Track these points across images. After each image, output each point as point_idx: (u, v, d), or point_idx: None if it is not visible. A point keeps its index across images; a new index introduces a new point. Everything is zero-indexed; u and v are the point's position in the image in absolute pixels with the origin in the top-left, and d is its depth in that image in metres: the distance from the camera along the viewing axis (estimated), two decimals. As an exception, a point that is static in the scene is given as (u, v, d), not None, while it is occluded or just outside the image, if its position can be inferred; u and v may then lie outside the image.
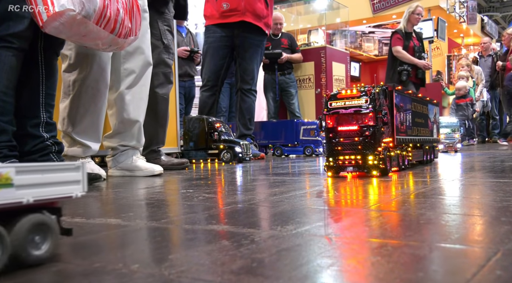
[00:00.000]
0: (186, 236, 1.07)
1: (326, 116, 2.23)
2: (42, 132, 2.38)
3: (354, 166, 2.19)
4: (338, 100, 2.22)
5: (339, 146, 2.20)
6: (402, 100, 2.59)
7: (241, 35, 5.06)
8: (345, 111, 2.19)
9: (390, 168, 2.28)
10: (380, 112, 2.18)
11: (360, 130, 2.16)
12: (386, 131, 2.30)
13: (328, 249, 0.87)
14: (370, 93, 2.16)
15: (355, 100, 2.18)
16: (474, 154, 4.94)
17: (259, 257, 0.84)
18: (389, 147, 2.30)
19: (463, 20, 13.80)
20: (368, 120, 2.16)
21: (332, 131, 2.23)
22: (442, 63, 13.60)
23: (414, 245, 0.88)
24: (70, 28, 2.04)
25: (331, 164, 2.23)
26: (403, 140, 2.58)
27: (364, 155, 2.16)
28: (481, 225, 1.08)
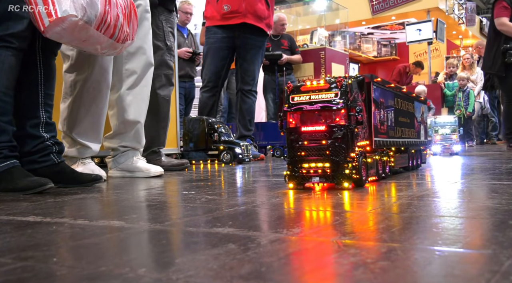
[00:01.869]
0: (191, 239, 1.06)
1: (287, 114, 1.83)
2: (42, 132, 2.37)
3: (321, 176, 1.77)
4: (302, 94, 1.80)
5: (302, 151, 1.79)
6: (383, 95, 2.18)
7: (242, 36, 5.05)
8: (310, 108, 1.78)
9: (366, 178, 1.90)
10: (353, 109, 1.77)
11: (328, 131, 1.76)
12: (362, 132, 1.91)
13: (339, 253, 0.86)
14: (341, 85, 1.75)
15: (323, 93, 1.77)
16: (471, 156, 4.72)
17: (268, 261, 0.82)
18: (365, 152, 1.90)
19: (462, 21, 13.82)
20: (338, 118, 1.76)
21: (294, 133, 1.81)
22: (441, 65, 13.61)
23: (423, 250, 0.87)
24: (71, 33, 2.04)
25: (293, 173, 1.81)
26: (383, 143, 2.17)
27: (333, 162, 1.75)
28: (489, 228, 1.07)
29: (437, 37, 11.42)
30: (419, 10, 12.10)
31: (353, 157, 1.79)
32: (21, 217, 1.42)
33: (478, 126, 9.53)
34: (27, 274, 0.79)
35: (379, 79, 2.12)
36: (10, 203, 1.77)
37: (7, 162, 2.14)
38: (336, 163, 1.76)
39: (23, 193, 2.04)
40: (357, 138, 1.85)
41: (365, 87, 2.00)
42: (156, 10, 3.44)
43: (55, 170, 2.35)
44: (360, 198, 1.58)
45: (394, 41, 15.35)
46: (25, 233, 1.16)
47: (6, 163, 2.13)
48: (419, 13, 12.27)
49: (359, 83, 1.93)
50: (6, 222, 1.34)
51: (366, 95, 2.01)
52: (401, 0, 12.19)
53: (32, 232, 1.18)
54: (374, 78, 2.07)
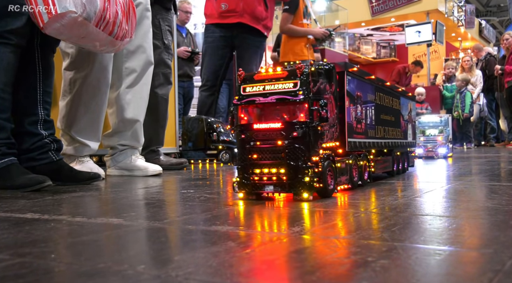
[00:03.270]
0: (190, 237, 1.06)
1: (238, 108, 1.55)
2: (41, 130, 2.36)
3: (276, 184, 1.48)
4: (255, 83, 1.51)
5: (254, 153, 1.50)
6: (360, 87, 1.88)
7: (240, 36, 5.05)
8: (263, 100, 1.48)
9: (334, 186, 1.59)
10: (316, 103, 1.47)
11: (285, 129, 1.46)
12: (330, 131, 1.61)
13: (339, 251, 0.86)
14: (301, 73, 1.45)
15: (280, 83, 1.47)
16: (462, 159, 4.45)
17: (268, 259, 0.82)
18: (332, 155, 1.59)
19: (461, 24, 13.85)
20: (297, 114, 1.48)
21: (245, 131, 1.51)
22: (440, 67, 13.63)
23: (425, 250, 0.87)
24: (70, 29, 2.03)
25: (244, 180, 1.54)
26: (360, 145, 1.87)
27: (290, 167, 1.46)
28: (490, 228, 1.06)
29: (436, 39, 11.44)
30: (419, 12, 12.13)
31: (316, 161, 1.48)
32: (19, 214, 1.41)
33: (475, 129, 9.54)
34: (25, 270, 0.78)
35: (355, 68, 1.81)
36: (8, 200, 1.76)
37: (5, 159, 2.13)
38: (294, 169, 1.45)
39: (21, 190, 2.03)
40: (322, 139, 1.54)
41: (335, 77, 1.67)
42: (153, 9, 3.44)
43: (53, 167, 2.35)
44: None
45: (394, 43, 15.37)
46: (23, 230, 1.15)
47: (4, 160, 2.12)
48: (418, 15, 12.29)
49: (328, 72, 1.61)
50: (4, 219, 1.33)
51: (338, 88, 1.70)
52: (401, 2, 12.21)
53: (30, 228, 1.17)
54: (349, 67, 1.77)
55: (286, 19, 5.52)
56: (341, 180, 1.68)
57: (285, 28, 5.55)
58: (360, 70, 1.95)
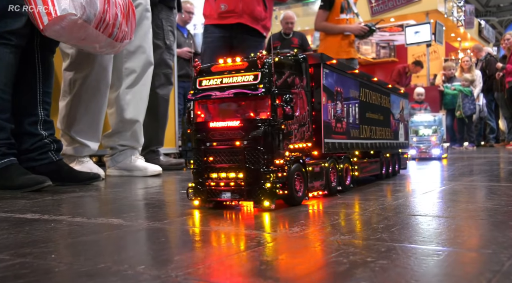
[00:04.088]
0: (190, 237, 1.06)
1: (195, 104, 1.40)
2: (40, 130, 2.36)
3: (234, 190, 1.32)
4: (212, 76, 1.36)
5: (210, 155, 1.34)
6: (341, 82, 1.70)
7: (239, 36, 5.06)
8: (220, 95, 1.32)
9: (304, 193, 1.43)
10: (280, 98, 1.31)
11: (243, 128, 1.30)
12: (300, 131, 1.45)
13: (338, 252, 0.86)
14: (262, 64, 1.29)
15: (239, 75, 1.32)
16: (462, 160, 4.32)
17: (267, 259, 0.82)
18: (302, 157, 1.42)
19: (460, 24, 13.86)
20: (258, 111, 1.33)
21: (201, 130, 1.36)
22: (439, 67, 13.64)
23: (424, 250, 0.87)
24: (70, 32, 2.04)
25: (199, 186, 1.38)
26: (341, 146, 1.70)
27: (250, 171, 1.29)
28: (489, 229, 1.07)
29: (436, 40, 11.45)
30: (418, 12, 12.13)
31: (280, 164, 1.32)
32: (19, 214, 1.41)
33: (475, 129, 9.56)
34: (25, 270, 0.79)
35: (334, 61, 1.64)
36: (8, 200, 1.77)
37: (5, 160, 2.13)
38: (254, 173, 1.29)
39: (21, 191, 2.03)
40: (289, 139, 1.38)
41: (307, 70, 1.52)
42: (156, 9, 3.44)
43: (53, 168, 2.35)
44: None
45: (393, 43, 15.37)
46: (23, 230, 1.16)
47: (4, 161, 2.13)
48: (418, 15, 12.30)
49: (298, 64, 1.47)
50: (4, 219, 1.33)
51: (313, 82, 1.55)
52: (400, 2, 12.22)
53: (30, 229, 1.17)
54: (327, 59, 1.60)
55: (320, 16, 5.23)
56: (314, 185, 1.50)
57: (319, 26, 5.26)
58: (341, 63, 1.77)
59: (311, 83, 1.56)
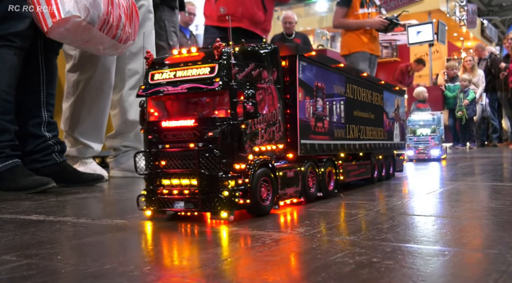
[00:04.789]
0: (195, 238, 1.06)
1: (148, 101, 1.26)
2: (44, 132, 2.37)
3: (188, 200, 1.17)
4: (165, 69, 1.23)
5: (162, 159, 1.20)
6: (323, 77, 1.54)
7: (239, 38, 5.05)
8: (172, 90, 1.18)
9: (273, 202, 1.26)
10: (241, 94, 1.16)
11: (198, 128, 1.15)
12: (268, 131, 1.28)
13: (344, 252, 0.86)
14: (219, 55, 1.15)
15: (194, 68, 1.17)
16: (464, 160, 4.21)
17: (273, 260, 0.82)
18: (271, 161, 1.26)
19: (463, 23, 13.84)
20: (216, 108, 1.19)
21: (153, 130, 1.21)
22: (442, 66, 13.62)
23: (429, 251, 0.87)
24: (74, 34, 2.04)
25: (150, 194, 1.23)
26: (322, 148, 1.53)
27: (205, 178, 1.14)
28: (494, 229, 1.06)
29: (438, 39, 11.43)
30: (421, 12, 12.11)
31: (241, 169, 1.17)
32: (24, 216, 1.42)
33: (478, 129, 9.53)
34: (32, 272, 0.79)
35: (313, 53, 1.46)
36: (13, 202, 1.77)
37: (9, 161, 2.14)
38: (210, 180, 1.14)
39: (25, 192, 2.04)
40: (254, 140, 1.23)
41: (279, 62, 1.35)
42: (158, 10, 3.45)
43: (57, 169, 2.35)
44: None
45: (395, 43, 15.35)
46: (28, 231, 1.16)
47: (8, 162, 2.13)
48: (420, 15, 12.28)
49: (266, 55, 1.30)
50: (9, 221, 1.34)
51: (287, 76, 1.39)
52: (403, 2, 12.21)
53: (35, 230, 1.18)
54: (304, 50, 1.43)
55: (337, 14, 5.06)
56: (287, 192, 1.35)
57: (337, 23, 5.10)
58: (323, 55, 1.60)
59: (285, 77, 1.40)
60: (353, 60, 4.83)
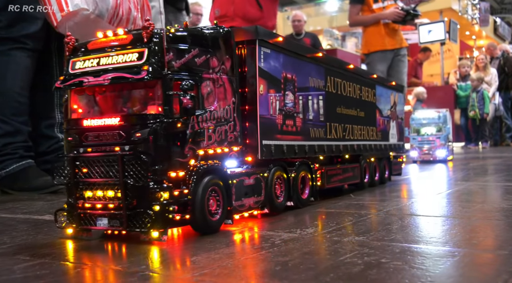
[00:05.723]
0: (205, 238, 1.07)
1: (70, 94, 1.08)
2: (57, 133, 2.40)
3: (113, 216, 0.97)
4: (88, 55, 1.04)
5: (83, 166, 0.99)
6: (292, 67, 1.31)
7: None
8: (93, 81, 0.98)
9: (223, 216, 1.08)
10: (177, 85, 0.96)
11: (124, 127, 0.95)
12: (219, 130, 1.07)
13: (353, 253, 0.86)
14: (149, 38, 0.96)
15: (120, 54, 0.98)
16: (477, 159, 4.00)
17: (282, 260, 0.83)
18: (220, 167, 1.06)
19: (475, 22, 13.69)
20: (144, 103, 0.98)
21: (74, 130, 1.02)
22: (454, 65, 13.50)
23: (439, 251, 0.87)
24: (84, 27, 2.06)
25: (70, 208, 1.03)
26: (293, 150, 1.30)
27: (132, 189, 0.94)
28: (505, 229, 1.06)
29: (450, 38, 11.31)
30: (432, 10, 11.99)
31: (179, 178, 0.96)
32: (37, 216, 1.44)
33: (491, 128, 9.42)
34: (45, 271, 0.80)
35: (279, 39, 1.23)
36: (26, 202, 1.80)
37: (22, 162, 2.17)
38: (137, 192, 0.93)
39: (38, 192, 2.06)
40: (197, 142, 1.00)
41: (233, 48, 1.12)
42: (165, 10, 3.47)
43: (69, 169, 2.38)
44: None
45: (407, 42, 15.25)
46: (42, 231, 1.18)
47: (22, 163, 2.16)
48: (431, 14, 12.17)
49: (215, 39, 1.07)
50: (23, 221, 1.36)
51: (245, 65, 1.16)
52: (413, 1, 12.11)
53: (48, 230, 1.19)
54: (268, 36, 1.19)
55: (351, 12, 4.98)
56: (245, 203, 1.15)
57: (352, 21, 5.01)
58: (293, 42, 1.41)
59: (243, 67, 1.17)
60: (371, 61, 4.76)
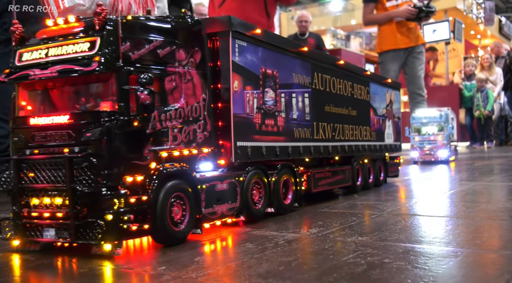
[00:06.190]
0: (209, 239, 1.08)
1: (19, 89, 0.96)
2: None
3: (60, 226, 0.88)
4: (36, 46, 0.94)
5: (30, 170, 0.90)
6: (273, 62, 1.24)
7: None
8: (40, 74, 0.90)
9: (190, 225, 1.01)
10: (135, 79, 0.88)
11: (74, 126, 0.87)
12: (186, 130, 0.99)
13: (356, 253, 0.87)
14: (101, 25, 0.88)
15: (70, 43, 0.89)
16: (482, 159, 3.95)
17: (286, 260, 0.83)
18: (186, 171, 0.98)
19: (480, 21, 13.63)
20: (98, 99, 0.91)
21: (20, 129, 0.94)
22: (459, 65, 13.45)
23: (442, 251, 0.87)
24: None
25: (16, 217, 0.92)
26: (274, 152, 1.22)
27: (82, 196, 0.86)
28: (509, 230, 1.06)
29: (454, 37, 11.26)
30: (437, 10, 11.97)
31: (137, 183, 0.88)
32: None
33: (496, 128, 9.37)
34: (53, 273, 0.81)
35: (257, 31, 1.17)
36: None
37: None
38: (87, 199, 0.85)
39: None
40: (160, 142, 0.93)
41: (203, 40, 1.05)
42: (169, 11, 3.48)
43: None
44: None
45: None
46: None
47: None
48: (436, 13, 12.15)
49: (182, 29, 1.03)
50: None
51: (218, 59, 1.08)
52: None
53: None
54: (241, 27, 1.10)
55: (364, 10, 4.93)
56: (217, 210, 1.06)
57: (366, 20, 4.96)
58: (276, 36, 1.34)
59: (216, 60, 1.08)
60: (383, 60, 4.71)
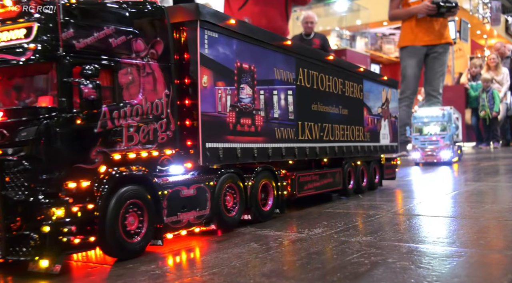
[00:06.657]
0: (214, 238, 1.08)
1: None
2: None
3: None
4: None
5: None
6: (250, 56, 1.18)
7: None
8: None
9: (148, 236, 0.93)
10: (77, 71, 0.83)
11: (7, 125, 0.83)
12: (144, 130, 0.93)
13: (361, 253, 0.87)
14: (39, 10, 0.81)
15: (5, 30, 0.84)
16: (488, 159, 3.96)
17: (290, 260, 0.84)
18: (144, 175, 0.92)
19: (486, 21, 13.55)
20: (38, 94, 0.84)
21: None
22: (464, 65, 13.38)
23: (446, 251, 0.88)
24: None
25: None
26: (250, 154, 1.17)
27: (14, 205, 0.81)
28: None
29: (460, 37, 11.21)
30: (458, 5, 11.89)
31: (81, 189, 0.82)
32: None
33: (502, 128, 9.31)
34: (63, 272, 0.82)
35: (232, 21, 1.09)
36: None
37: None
38: (22, 208, 0.79)
39: None
40: (111, 143, 0.86)
41: (167, 29, 0.97)
42: None
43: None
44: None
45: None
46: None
47: None
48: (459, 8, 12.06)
49: (146, 16, 0.94)
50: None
51: (184, 51, 1.01)
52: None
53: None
54: (212, 17, 1.02)
55: (390, 6, 4.90)
56: (182, 218, 0.99)
57: (390, 15, 4.98)
58: (254, 27, 1.22)
59: (183, 53, 1.00)
60: (401, 56, 4.74)
